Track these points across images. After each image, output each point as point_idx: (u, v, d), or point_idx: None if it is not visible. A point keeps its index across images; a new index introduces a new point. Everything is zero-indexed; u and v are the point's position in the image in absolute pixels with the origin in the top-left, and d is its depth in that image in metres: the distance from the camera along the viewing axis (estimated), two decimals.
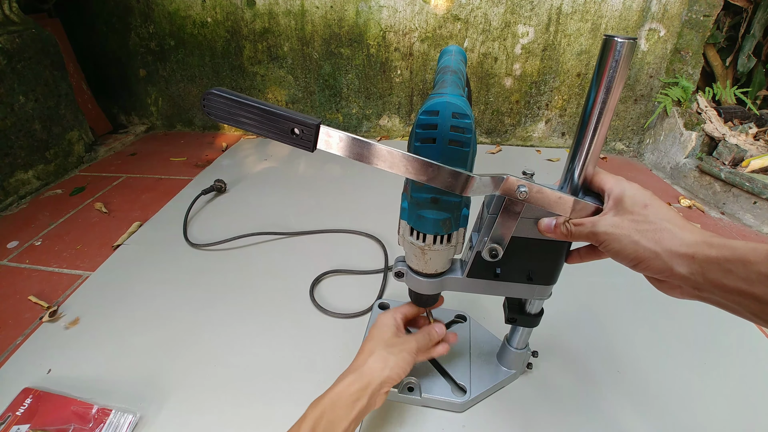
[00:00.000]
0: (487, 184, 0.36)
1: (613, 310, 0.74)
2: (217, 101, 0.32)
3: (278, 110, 0.32)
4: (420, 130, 0.36)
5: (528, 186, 0.37)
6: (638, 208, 0.34)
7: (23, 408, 0.54)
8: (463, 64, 0.47)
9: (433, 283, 0.47)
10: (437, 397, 0.55)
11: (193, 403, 0.57)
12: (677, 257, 0.30)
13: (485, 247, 0.42)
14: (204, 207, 1.07)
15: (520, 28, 1.32)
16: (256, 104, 0.32)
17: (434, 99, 0.36)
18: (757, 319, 0.27)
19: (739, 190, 1.08)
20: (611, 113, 0.35)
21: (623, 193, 0.35)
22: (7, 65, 1.08)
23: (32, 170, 1.18)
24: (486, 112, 1.48)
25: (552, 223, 0.39)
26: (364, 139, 0.34)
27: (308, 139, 0.33)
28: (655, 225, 0.32)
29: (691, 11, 1.26)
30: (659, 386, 0.60)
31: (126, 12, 1.45)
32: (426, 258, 0.44)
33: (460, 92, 0.39)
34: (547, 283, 0.46)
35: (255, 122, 0.32)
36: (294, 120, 0.32)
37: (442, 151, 0.36)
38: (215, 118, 0.32)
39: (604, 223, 0.35)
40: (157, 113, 1.65)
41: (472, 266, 0.45)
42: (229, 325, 0.70)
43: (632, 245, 0.32)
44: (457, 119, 0.35)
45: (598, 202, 0.38)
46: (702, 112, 1.28)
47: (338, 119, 1.56)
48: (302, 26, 1.40)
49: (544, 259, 0.44)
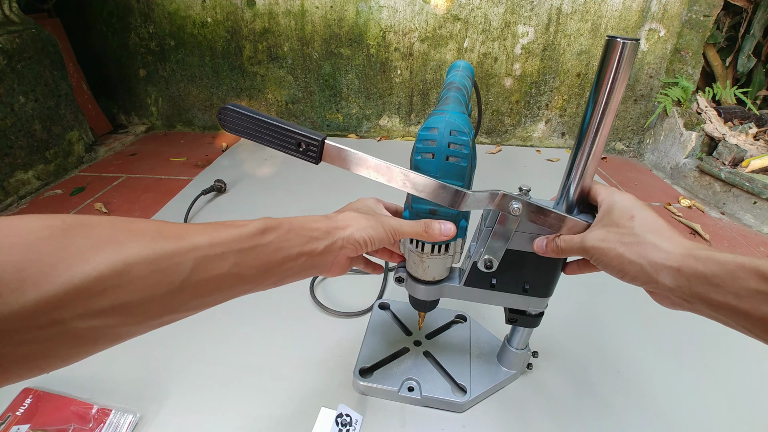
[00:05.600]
0: (482, 200, 0.38)
1: (613, 311, 0.74)
2: (232, 116, 0.35)
3: (286, 125, 0.35)
4: (420, 145, 0.38)
5: (522, 203, 0.38)
6: (624, 220, 0.34)
7: (23, 408, 0.54)
8: (468, 80, 0.49)
9: (432, 290, 0.48)
10: (437, 397, 0.55)
11: (193, 403, 0.57)
12: (662, 269, 0.30)
13: (481, 258, 0.44)
14: (204, 207, 1.07)
15: (520, 28, 1.32)
16: (267, 119, 0.35)
17: (435, 116, 0.38)
18: (748, 333, 0.27)
19: (739, 190, 1.08)
20: (613, 114, 0.35)
21: (613, 204, 0.36)
22: (7, 65, 1.08)
23: (32, 170, 1.18)
24: (486, 112, 1.48)
25: (543, 243, 0.40)
26: (364, 154, 0.36)
27: (313, 153, 0.35)
28: (639, 237, 0.32)
29: (691, 11, 1.26)
30: (659, 386, 0.60)
31: (126, 12, 1.45)
32: (424, 266, 0.45)
33: (462, 109, 0.40)
34: (542, 296, 0.47)
35: (266, 136, 0.35)
36: (301, 135, 0.35)
37: (440, 166, 0.38)
38: (230, 131, 0.35)
39: (592, 237, 0.35)
40: (157, 113, 1.65)
41: (468, 276, 0.46)
42: (229, 325, 0.70)
43: (617, 258, 0.33)
44: (455, 136, 0.37)
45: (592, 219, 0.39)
46: (702, 112, 1.28)
47: (338, 119, 1.56)
48: (302, 26, 1.40)
49: (539, 272, 0.45)
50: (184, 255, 0.25)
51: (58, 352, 0.21)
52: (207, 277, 0.26)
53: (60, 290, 0.19)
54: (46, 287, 0.19)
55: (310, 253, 0.35)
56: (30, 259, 0.19)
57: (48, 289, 0.19)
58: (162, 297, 0.24)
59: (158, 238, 0.24)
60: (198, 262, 0.26)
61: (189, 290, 0.25)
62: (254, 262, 0.30)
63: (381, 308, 0.69)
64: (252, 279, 0.30)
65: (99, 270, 0.21)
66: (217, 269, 0.27)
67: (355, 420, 0.52)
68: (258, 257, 0.30)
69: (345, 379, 0.60)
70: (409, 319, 0.67)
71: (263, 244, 0.31)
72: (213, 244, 0.27)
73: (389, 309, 0.69)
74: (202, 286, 0.26)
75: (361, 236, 0.37)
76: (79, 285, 0.20)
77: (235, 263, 0.28)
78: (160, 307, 0.24)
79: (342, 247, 0.37)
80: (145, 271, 0.23)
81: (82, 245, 0.21)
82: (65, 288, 0.20)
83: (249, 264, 0.29)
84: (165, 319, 0.25)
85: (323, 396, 0.57)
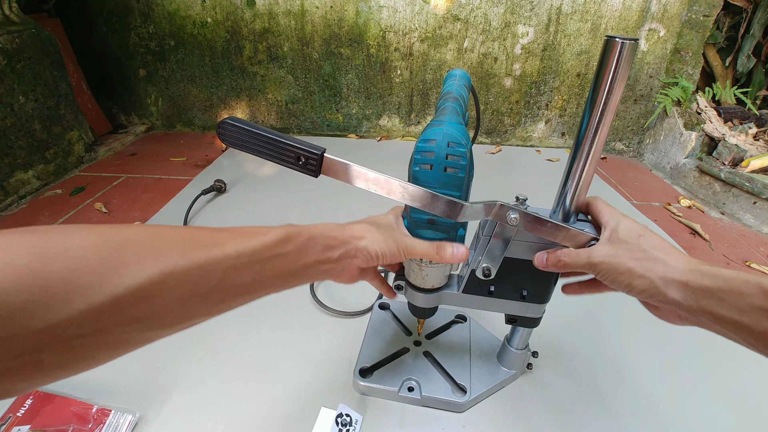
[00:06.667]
0: (479, 211, 0.38)
1: (613, 311, 0.74)
2: (231, 130, 0.35)
3: (286, 140, 0.35)
4: (418, 157, 0.39)
5: (519, 213, 0.38)
6: (632, 238, 0.35)
7: (24, 409, 0.54)
8: (465, 89, 0.50)
9: (430, 298, 0.48)
10: (437, 397, 0.55)
11: (192, 403, 0.57)
12: (670, 283, 0.32)
13: (479, 266, 0.44)
14: (204, 207, 1.07)
15: (520, 28, 1.32)
16: (266, 133, 0.35)
17: (433, 128, 0.39)
18: (750, 347, 0.28)
19: (739, 190, 1.08)
20: (612, 114, 0.35)
21: (618, 224, 0.37)
22: (6, 65, 1.08)
23: (32, 170, 1.18)
24: (486, 112, 1.48)
25: (543, 257, 0.41)
26: (362, 167, 0.36)
27: (313, 167, 0.36)
28: (648, 253, 0.34)
29: (691, 11, 1.26)
30: (659, 386, 0.60)
31: (126, 12, 1.45)
32: (423, 274, 0.46)
33: (459, 119, 0.41)
34: (539, 302, 0.48)
35: (265, 150, 0.35)
36: (300, 149, 0.35)
37: (438, 177, 0.38)
38: (229, 145, 0.35)
39: (600, 252, 0.36)
40: (157, 113, 1.65)
41: (467, 283, 0.47)
42: (229, 325, 0.70)
43: (627, 273, 0.34)
44: (453, 148, 0.38)
45: (590, 228, 0.40)
46: (702, 112, 1.28)
47: (338, 119, 1.56)
48: (302, 26, 1.40)
49: (537, 279, 0.45)
50: (215, 265, 0.26)
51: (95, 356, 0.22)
52: (232, 284, 0.28)
53: (105, 300, 0.20)
54: (93, 298, 0.20)
55: (326, 260, 0.36)
56: (76, 269, 0.20)
57: (94, 300, 0.20)
58: (192, 303, 0.25)
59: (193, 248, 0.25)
60: (226, 271, 0.27)
61: (216, 297, 0.27)
62: (275, 271, 0.31)
63: (381, 308, 0.69)
64: (272, 285, 0.32)
65: (140, 281, 0.22)
66: (242, 278, 0.28)
67: (355, 420, 0.53)
68: (279, 266, 0.31)
69: (345, 379, 0.60)
70: (409, 319, 0.67)
71: (284, 254, 0.32)
72: (240, 255, 0.28)
73: (389, 309, 0.69)
74: (227, 293, 0.28)
75: (374, 249, 0.38)
76: (122, 295, 0.21)
77: (258, 272, 0.29)
78: (188, 312, 0.26)
79: (354, 257, 0.38)
80: (180, 280, 0.24)
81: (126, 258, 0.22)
82: (110, 298, 0.20)
83: (270, 272, 0.31)
84: (191, 322, 0.27)
85: (323, 396, 0.57)
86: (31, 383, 0.20)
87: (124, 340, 0.23)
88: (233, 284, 0.28)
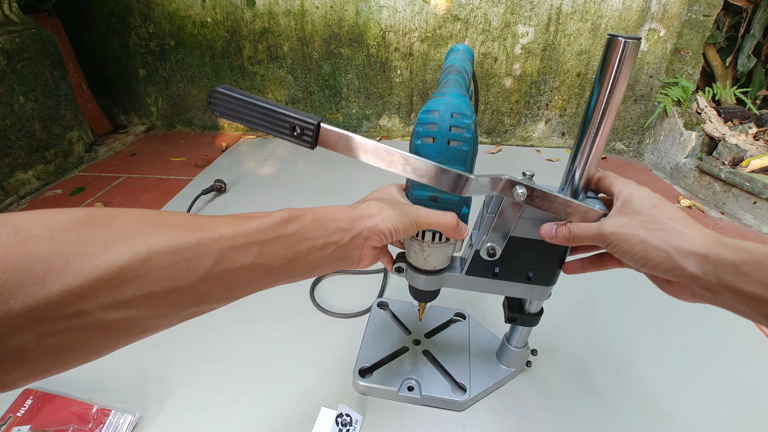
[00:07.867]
0: (485, 185, 0.36)
1: (613, 309, 0.74)
2: (223, 99, 0.32)
3: (280, 109, 0.33)
4: (420, 129, 0.36)
5: (526, 188, 0.36)
6: (646, 209, 0.33)
7: (24, 409, 0.54)
8: (468, 63, 0.47)
9: (432, 280, 0.46)
10: (437, 396, 0.55)
11: (192, 403, 0.57)
12: (689, 256, 0.29)
13: (483, 246, 0.42)
14: (204, 207, 1.07)
15: (520, 28, 1.32)
16: (260, 102, 0.33)
17: (435, 98, 0.36)
18: None
19: (739, 190, 1.08)
20: (614, 113, 0.35)
21: (631, 195, 0.35)
22: (6, 65, 1.08)
23: (32, 170, 1.18)
24: (486, 112, 1.48)
25: (552, 228, 0.38)
26: (362, 138, 0.34)
27: (309, 137, 0.33)
28: (664, 224, 0.31)
29: (691, 11, 1.26)
30: (659, 386, 0.60)
31: (126, 12, 1.45)
32: (425, 255, 0.44)
33: (463, 92, 0.39)
34: (546, 284, 0.46)
35: (258, 120, 0.33)
36: (295, 118, 0.33)
37: (441, 150, 0.36)
38: (220, 115, 0.33)
39: (612, 223, 0.34)
40: (157, 113, 1.65)
41: (470, 264, 0.45)
42: (229, 325, 0.70)
43: (641, 244, 0.31)
44: (457, 119, 0.35)
45: (600, 205, 0.38)
46: (702, 112, 1.28)
47: (338, 119, 1.56)
48: (302, 26, 1.40)
49: (543, 260, 0.43)
50: (209, 245, 0.25)
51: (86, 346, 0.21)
52: (232, 267, 0.26)
53: (84, 280, 0.19)
54: (70, 277, 0.19)
55: (336, 243, 0.34)
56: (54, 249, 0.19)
57: (71, 279, 0.19)
58: (187, 287, 0.24)
59: (184, 229, 0.24)
60: (223, 252, 0.26)
61: (214, 280, 0.25)
62: (278, 253, 0.30)
63: (380, 307, 0.69)
64: (278, 270, 0.30)
65: (122, 260, 0.21)
66: (242, 260, 0.27)
67: (355, 420, 0.52)
68: (282, 247, 0.30)
69: (345, 379, 0.60)
70: (408, 317, 0.67)
71: (287, 234, 0.30)
72: (237, 235, 0.27)
73: (388, 308, 0.69)
74: (228, 277, 0.26)
75: (386, 226, 0.36)
76: (102, 275, 0.20)
77: (260, 253, 0.28)
78: (185, 298, 0.24)
79: (368, 238, 0.36)
80: (169, 261, 0.23)
81: (107, 236, 0.21)
82: (89, 278, 0.19)
83: (273, 254, 0.29)
84: (191, 311, 0.25)
85: (323, 396, 0.57)
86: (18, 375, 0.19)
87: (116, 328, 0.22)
88: (232, 267, 0.26)
